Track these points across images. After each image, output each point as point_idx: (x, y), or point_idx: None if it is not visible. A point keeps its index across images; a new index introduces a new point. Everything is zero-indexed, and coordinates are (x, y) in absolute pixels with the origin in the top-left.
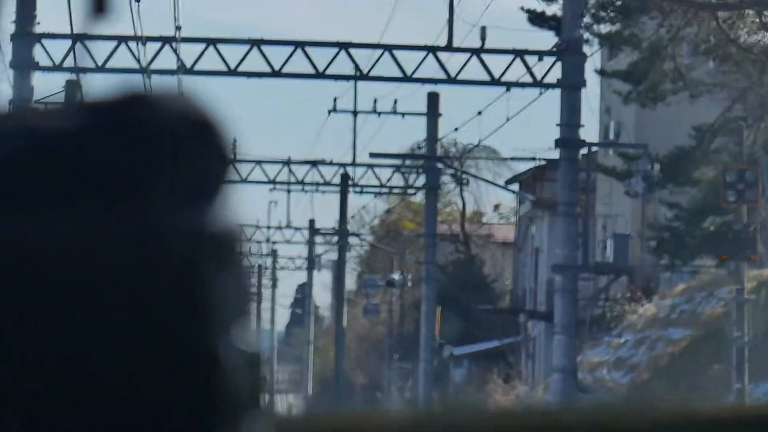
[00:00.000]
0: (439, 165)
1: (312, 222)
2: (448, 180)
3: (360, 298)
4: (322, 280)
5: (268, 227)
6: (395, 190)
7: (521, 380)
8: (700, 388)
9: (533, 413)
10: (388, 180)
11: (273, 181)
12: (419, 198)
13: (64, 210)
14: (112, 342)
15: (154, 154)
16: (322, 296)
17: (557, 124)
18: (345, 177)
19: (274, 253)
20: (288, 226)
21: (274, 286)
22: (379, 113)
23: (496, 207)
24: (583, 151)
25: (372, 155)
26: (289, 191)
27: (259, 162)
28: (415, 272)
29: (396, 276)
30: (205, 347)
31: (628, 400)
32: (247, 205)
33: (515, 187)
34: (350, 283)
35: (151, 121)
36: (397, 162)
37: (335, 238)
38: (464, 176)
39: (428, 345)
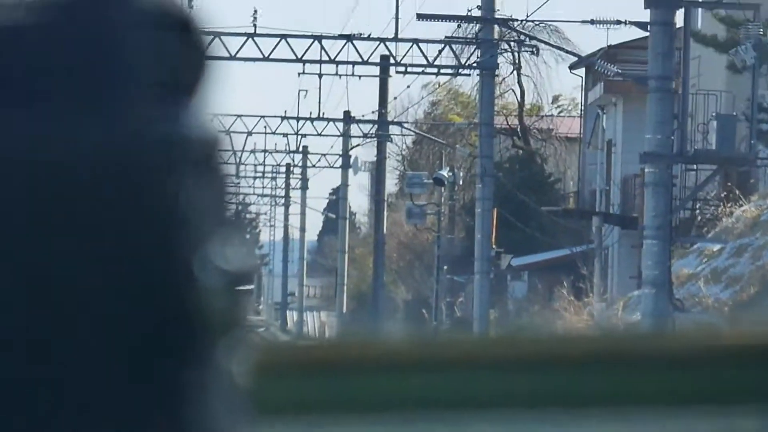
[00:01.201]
0: (496, 36)
1: (347, 113)
2: (504, 61)
3: (402, 200)
4: (359, 182)
5: (297, 119)
6: (445, 71)
7: (595, 296)
8: None
9: (622, 337)
10: (436, 58)
11: (301, 59)
12: (468, 86)
13: (24, 109)
14: (75, 254)
15: (125, 49)
16: (359, 201)
17: None
18: (385, 57)
19: (304, 150)
20: (320, 117)
21: (304, 187)
22: None
23: (555, 99)
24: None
25: (420, 17)
26: (320, 75)
27: (284, 36)
28: (468, 170)
29: (445, 173)
30: (177, 263)
31: (733, 319)
32: (274, 90)
33: (580, 72)
34: (390, 185)
35: (122, 14)
36: (449, 29)
37: (374, 130)
38: (529, 46)
39: (484, 253)
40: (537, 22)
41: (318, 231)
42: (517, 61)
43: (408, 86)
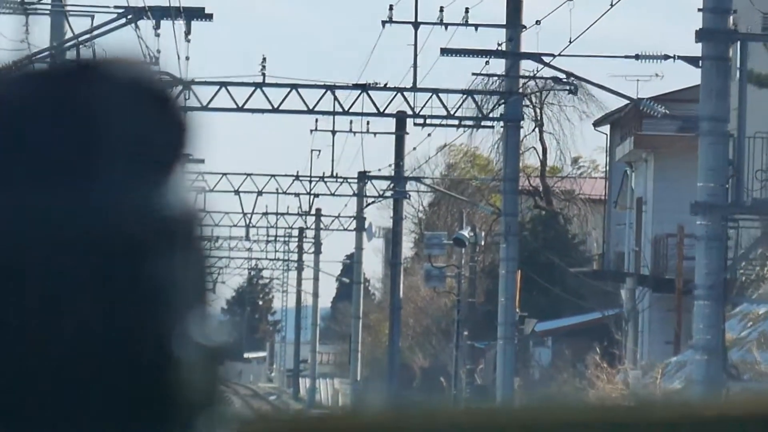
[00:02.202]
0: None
1: (362, 173)
2: (526, 118)
3: (418, 264)
4: (374, 245)
5: (310, 179)
6: (466, 122)
7: (629, 362)
8: None
9: (680, 407)
10: (456, 110)
11: (313, 110)
12: (487, 146)
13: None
14: (51, 333)
15: (102, 126)
16: (373, 266)
17: (699, 9)
18: (402, 113)
19: (317, 213)
20: (333, 176)
21: (317, 251)
22: (446, 25)
23: (575, 160)
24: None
25: (444, 52)
26: (334, 132)
27: (294, 86)
28: (489, 230)
29: (466, 233)
30: (155, 340)
31: None
32: (286, 149)
33: (605, 129)
34: (406, 248)
35: (99, 90)
36: (469, 81)
37: (389, 189)
38: (566, 83)
39: (508, 317)
40: (573, 55)
41: (331, 297)
42: (539, 118)
43: (429, 134)
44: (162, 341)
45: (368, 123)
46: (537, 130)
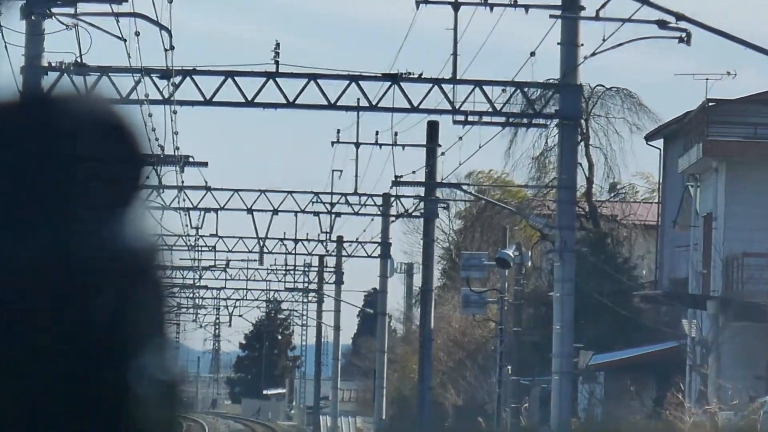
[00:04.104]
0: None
1: (387, 195)
2: None
3: (449, 293)
4: (393, 282)
5: (332, 199)
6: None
7: (713, 399)
8: None
9: None
10: (503, 106)
11: (334, 105)
12: (521, 177)
13: None
14: (6, 368)
15: (59, 159)
16: (394, 299)
17: None
18: (433, 128)
19: (338, 240)
20: (356, 193)
21: (339, 281)
22: (492, 5)
23: (613, 187)
24: None
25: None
26: (357, 144)
27: (313, 77)
28: (535, 254)
29: (510, 252)
30: (113, 375)
31: None
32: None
33: (658, 143)
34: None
35: (56, 123)
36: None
37: (416, 210)
38: (678, 27)
39: (565, 348)
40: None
41: (352, 334)
42: (584, 130)
43: (460, 137)
44: (120, 377)
45: (396, 134)
46: (583, 144)
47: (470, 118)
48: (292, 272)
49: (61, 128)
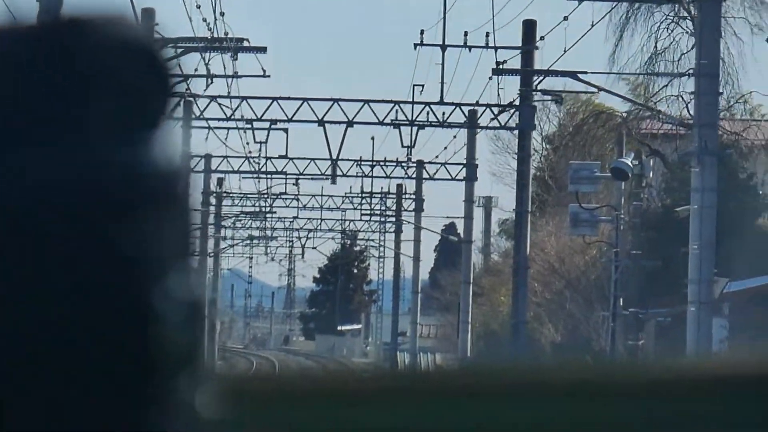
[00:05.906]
0: None
1: (473, 112)
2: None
3: (544, 219)
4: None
5: (412, 107)
6: None
7: None
8: None
9: None
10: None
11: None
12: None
13: None
14: (30, 289)
15: (85, 83)
16: (475, 230)
17: None
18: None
19: (418, 164)
20: (442, 102)
21: (418, 209)
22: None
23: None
24: None
25: None
26: (443, 47)
27: None
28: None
29: (628, 161)
30: (136, 298)
31: None
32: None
33: None
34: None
35: (83, 46)
36: None
37: (507, 123)
38: None
39: (705, 273)
40: None
41: (429, 268)
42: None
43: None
44: (145, 300)
45: (487, 34)
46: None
47: None
48: (368, 199)
49: (93, 48)
